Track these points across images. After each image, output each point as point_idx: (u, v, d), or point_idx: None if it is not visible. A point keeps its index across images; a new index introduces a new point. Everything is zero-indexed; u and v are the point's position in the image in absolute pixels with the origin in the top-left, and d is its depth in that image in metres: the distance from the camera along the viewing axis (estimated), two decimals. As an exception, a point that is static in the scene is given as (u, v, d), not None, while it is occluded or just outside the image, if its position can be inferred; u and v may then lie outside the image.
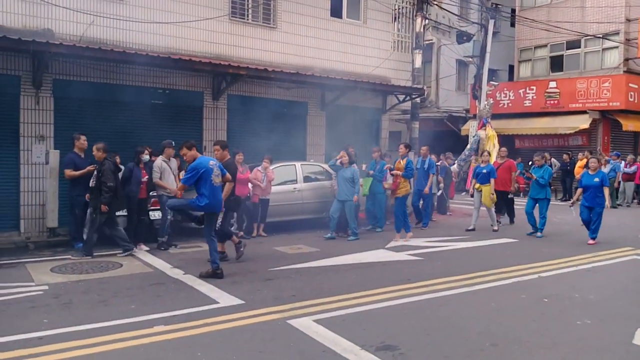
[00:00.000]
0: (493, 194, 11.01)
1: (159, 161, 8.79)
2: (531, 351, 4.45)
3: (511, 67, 24.57)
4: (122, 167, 8.71)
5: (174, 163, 9.07)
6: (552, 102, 20.15)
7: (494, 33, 18.24)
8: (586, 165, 10.47)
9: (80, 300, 5.73)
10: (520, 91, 21.00)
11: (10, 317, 5.15)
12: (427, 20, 14.34)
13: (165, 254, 8.33)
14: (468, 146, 14.66)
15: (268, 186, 10.11)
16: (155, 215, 8.96)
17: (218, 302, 5.69)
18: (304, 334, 4.73)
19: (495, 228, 11.02)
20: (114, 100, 10.15)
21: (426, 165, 11.37)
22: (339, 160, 9.94)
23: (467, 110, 21.97)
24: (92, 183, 7.99)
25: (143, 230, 8.84)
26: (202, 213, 6.88)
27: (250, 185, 10.01)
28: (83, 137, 8.69)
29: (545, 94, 20.27)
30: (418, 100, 14.74)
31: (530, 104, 20.70)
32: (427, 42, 17.32)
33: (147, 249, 8.54)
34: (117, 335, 4.63)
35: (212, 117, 11.63)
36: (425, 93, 15.64)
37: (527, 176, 10.74)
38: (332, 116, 13.43)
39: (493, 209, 11.25)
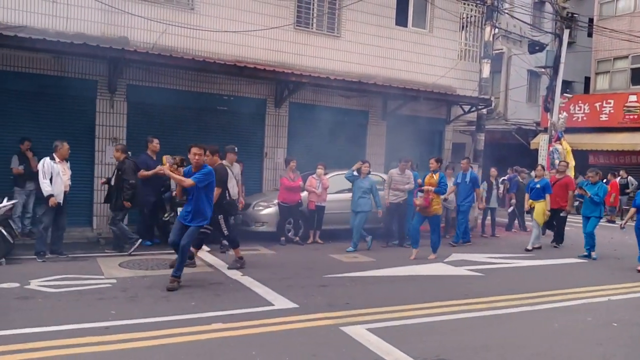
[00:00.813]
0: (548, 211, 10.40)
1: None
2: (597, 377, 4.19)
3: (587, 79, 23.33)
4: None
5: (237, 168, 9.31)
6: (631, 116, 18.94)
7: (569, 43, 17.44)
8: None
9: (145, 295, 6.00)
10: (597, 104, 19.90)
11: (81, 307, 5.48)
12: (496, 29, 13.93)
13: (226, 255, 8.55)
14: (556, 162, 14.02)
15: (323, 193, 10.14)
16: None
17: (273, 305, 5.78)
18: (356, 342, 4.70)
19: (529, 248, 10.33)
20: (182, 105, 10.62)
21: (467, 179, 10.73)
22: (355, 170, 9.69)
23: (538, 123, 21.05)
24: (112, 182, 8.34)
25: (204, 231, 9.11)
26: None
27: (305, 192, 10.10)
28: (156, 140, 9.18)
29: (624, 108, 19.10)
30: (484, 111, 14.30)
31: (606, 119, 19.56)
32: (496, 51, 16.80)
33: (208, 249, 8.81)
34: (177, 330, 4.81)
35: (274, 124, 11.86)
36: (493, 104, 15.14)
37: (580, 193, 10.06)
38: (394, 126, 13.30)
39: (540, 228, 10.63)
